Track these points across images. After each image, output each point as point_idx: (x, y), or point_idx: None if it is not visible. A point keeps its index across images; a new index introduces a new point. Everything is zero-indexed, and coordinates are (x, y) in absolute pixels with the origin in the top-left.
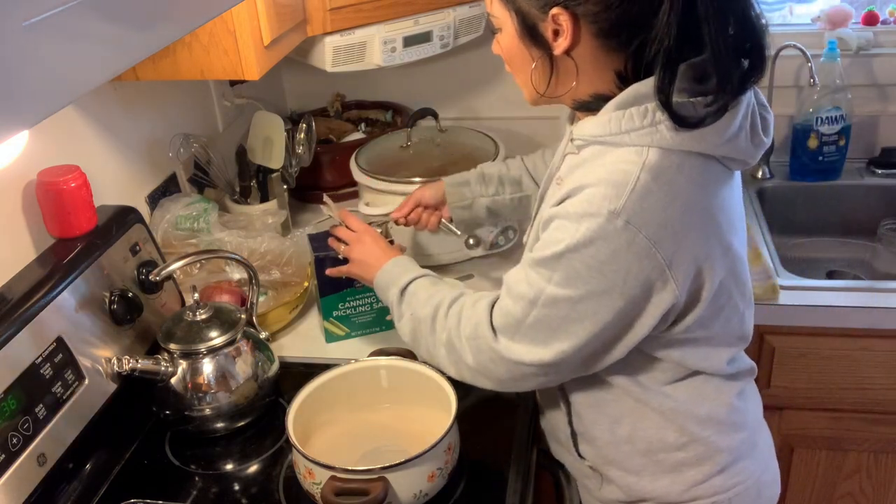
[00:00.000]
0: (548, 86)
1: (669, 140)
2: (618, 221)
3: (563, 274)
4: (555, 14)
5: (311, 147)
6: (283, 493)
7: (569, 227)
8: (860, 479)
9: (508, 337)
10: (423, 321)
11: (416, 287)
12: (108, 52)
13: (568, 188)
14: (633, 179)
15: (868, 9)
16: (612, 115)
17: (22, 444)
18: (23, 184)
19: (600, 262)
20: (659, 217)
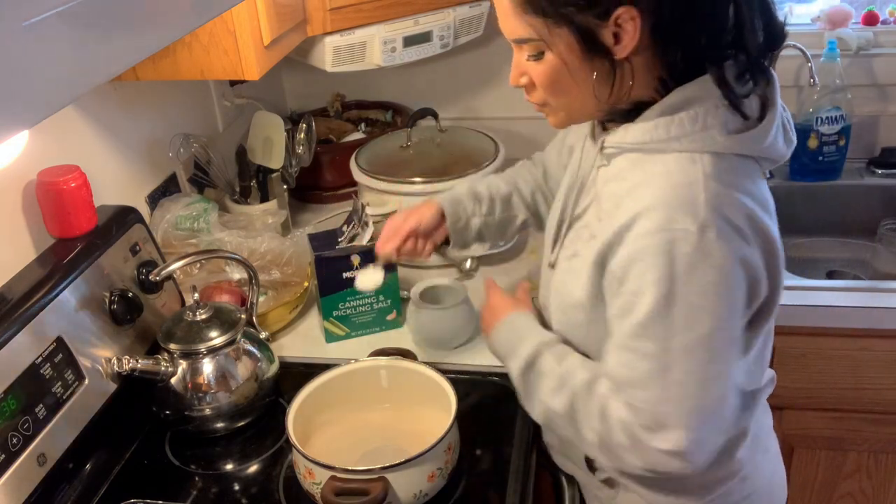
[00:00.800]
0: (610, 94)
1: (722, 144)
2: (709, 234)
3: (683, 315)
4: (619, 14)
5: (311, 147)
6: (283, 493)
7: (658, 261)
8: (860, 479)
9: (664, 427)
10: (560, 416)
11: (542, 367)
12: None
13: (619, 215)
14: (702, 188)
15: (868, 9)
16: (657, 121)
17: (22, 444)
18: (23, 184)
19: (716, 282)
20: (737, 219)
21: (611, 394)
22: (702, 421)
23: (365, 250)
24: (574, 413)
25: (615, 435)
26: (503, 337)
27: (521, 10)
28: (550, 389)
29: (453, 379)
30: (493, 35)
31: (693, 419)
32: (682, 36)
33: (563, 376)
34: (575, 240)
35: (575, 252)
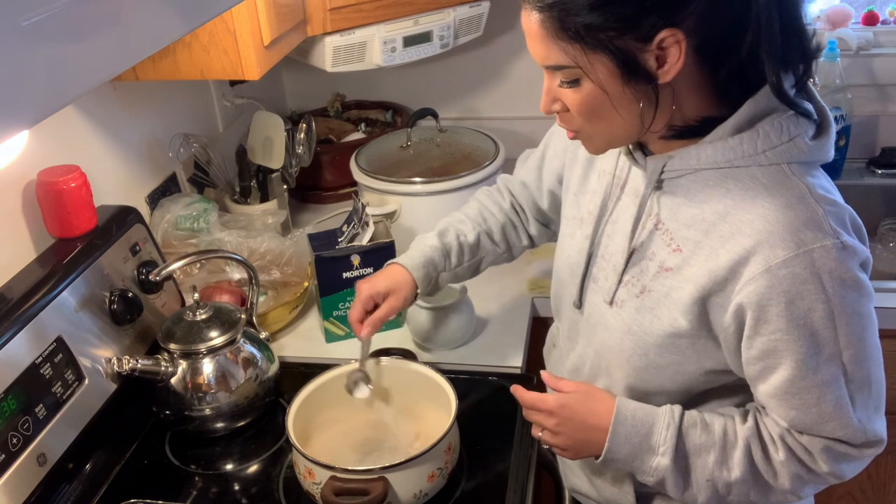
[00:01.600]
0: (652, 121)
1: (807, 153)
2: (845, 242)
3: (847, 340)
4: (663, 38)
5: (311, 147)
6: (283, 493)
7: (807, 288)
8: (860, 479)
9: (868, 440)
10: (741, 483)
11: (693, 445)
12: (108, 52)
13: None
14: (815, 200)
15: (868, 9)
16: (742, 136)
17: (22, 444)
18: (23, 184)
19: (862, 285)
20: (849, 221)
21: (789, 433)
22: (883, 409)
23: (365, 250)
24: (756, 472)
25: (816, 468)
26: (623, 440)
27: (555, 34)
28: (716, 463)
29: (453, 379)
30: (493, 35)
31: (882, 414)
32: (730, 53)
33: (721, 444)
34: (639, 275)
35: (644, 288)
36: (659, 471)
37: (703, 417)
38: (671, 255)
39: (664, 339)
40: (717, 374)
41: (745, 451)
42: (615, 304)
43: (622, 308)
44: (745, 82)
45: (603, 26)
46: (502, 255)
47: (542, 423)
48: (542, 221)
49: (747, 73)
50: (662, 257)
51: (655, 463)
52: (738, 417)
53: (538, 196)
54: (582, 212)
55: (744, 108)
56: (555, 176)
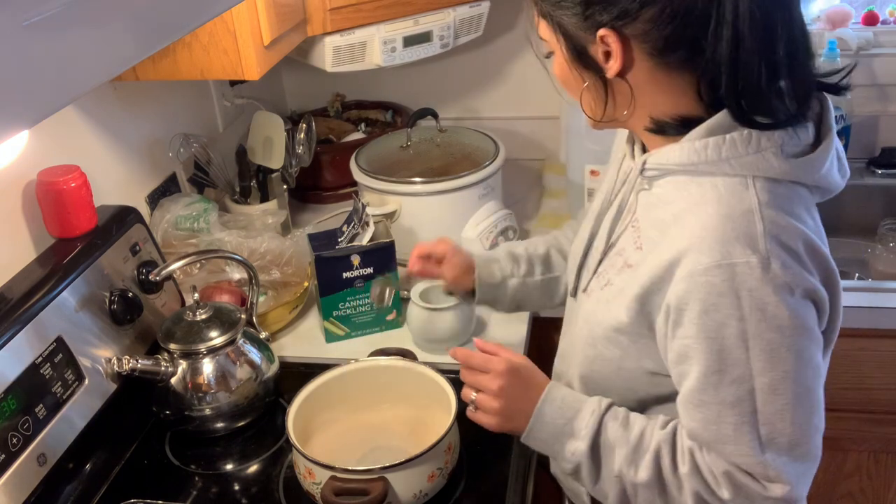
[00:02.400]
0: (604, 111)
1: (777, 169)
2: (774, 265)
3: (762, 368)
4: (602, 36)
5: (311, 147)
6: (283, 493)
7: (723, 302)
8: (860, 479)
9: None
10: (646, 486)
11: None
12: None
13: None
14: (759, 217)
15: (868, 9)
16: (707, 140)
17: (22, 444)
18: (23, 184)
19: (788, 315)
20: (798, 248)
21: (699, 449)
22: (804, 457)
23: (365, 250)
24: (662, 479)
25: (718, 491)
26: (548, 419)
27: (537, 12)
28: (626, 460)
29: (453, 379)
30: (493, 35)
31: (796, 460)
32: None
33: (636, 442)
34: (608, 268)
35: (608, 281)
36: (576, 456)
37: (628, 415)
38: (634, 252)
39: (609, 332)
40: (659, 376)
41: (655, 455)
42: (586, 293)
43: (588, 297)
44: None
45: (561, 12)
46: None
47: (487, 385)
48: None
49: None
50: (628, 254)
51: (573, 447)
52: (659, 422)
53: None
54: (593, 205)
55: (721, 113)
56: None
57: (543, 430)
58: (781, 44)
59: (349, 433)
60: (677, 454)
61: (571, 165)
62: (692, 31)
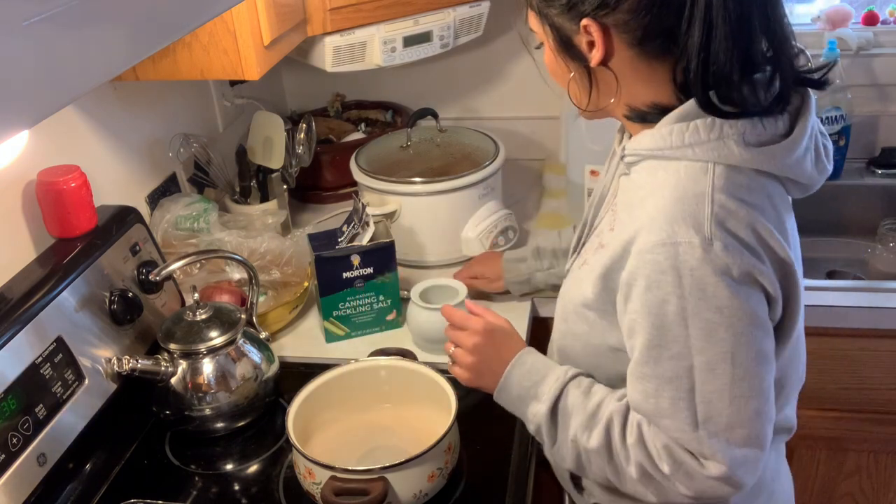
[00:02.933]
0: (589, 99)
1: (738, 156)
2: (715, 246)
3: (701, 347)
4: (585, 25)
5: (311, 147)
6: (283, 493)
7: (665, 279)
8: (860, 479)
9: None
10: (595, 453)
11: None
12: (108, 52)
13: (627, 227)
14: (708, 201)
15: (868, 9)
16: (672, 126)
17: (22, 444)
18: (23, 184)
19: (728, 296)
20: (745, 235)
21: (646, 423)
22: (744, 442)
23: (365, 250)
24: (611, 447)
25: (660, 464)
26: (515, 381)
27: (528, 3)
28: (581, 426)
29: (453, 379)
30: (493, 35)
31: (733, 442)
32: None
33: (592, 410)
34: (588, 249)
35: (585, 261)
36: (536, 417)
37: (591, 385)
38: (608, 233)
39: (578, 308)
40: (623, 354)
41: (607, 424)
42: (569, 272)
43: (569, 276)
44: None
45: (548, 4)
46: None
47: (463, 341)
48: None
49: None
50: (603, 235)
51: (535, 409)
52: (617, 394)
53: None
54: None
55: (691, 101)
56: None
57: (511, 390)
58: (759, 37)
59: (349, 433)
60: (627, 425)
61: (571, 165)
62: (668, 21)
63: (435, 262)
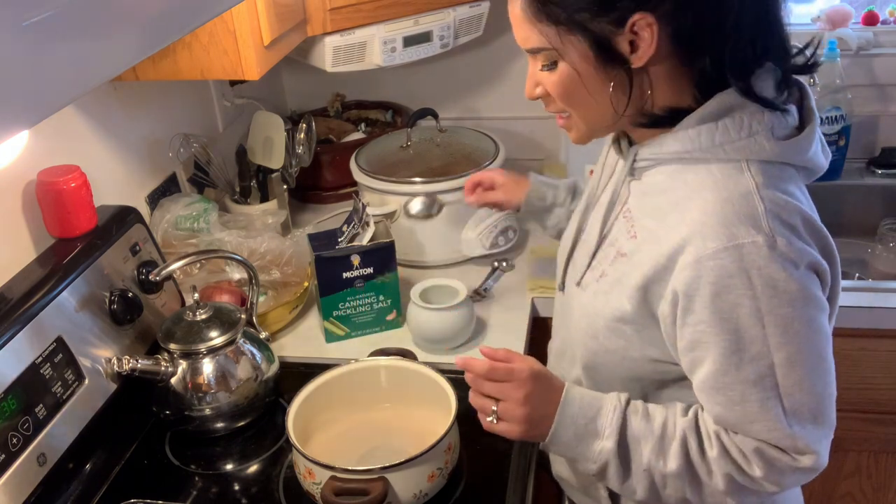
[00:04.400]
0: (627, 106)
1: (769, 151)
2: (779, 242)
3: (778, 343)
4: (635, 21)
5: (311, 147)
6: (283, 493)
7: (734, 283)
8: (860, 479)
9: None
10: (676, 476)
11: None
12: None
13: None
14: (758, 198)
15: (868, 9)
16: (699, 128)
17: (22, 444)
18: (23, 184)
19: (798, 288)
20: (797, 224)
21: (724, 431)
22: (824, 423)
23: (365, 250)
24: (692, 466)
25: (750, 470)
26: (569, 421)
27: (534, 17)
28: (654, 452)
29: (453, 379)
30: (493, 35)
31: (818, 427)
32: (706, 43)
33: (660, 433)
34: (602, 259)
35: (602, 272)
36: (602, 455)
37: (647, 407)
38: (627, 241)
39: (611, 323)
40: (665, 364)
41: (682, 443)
42: (581, 286)
43: (585, 290)
44: (723, 77)
45: (578, 8)
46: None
47: (512, 394)
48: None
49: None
50: (621, 243)
51: (599, 447)
52: (679, 410)
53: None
54: (581, 202)
55: (712, 101)
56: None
57: (566, 432)
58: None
59: (349, 433)
60: (703, 439)
61: (571, 165)
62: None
63: (435, 262)
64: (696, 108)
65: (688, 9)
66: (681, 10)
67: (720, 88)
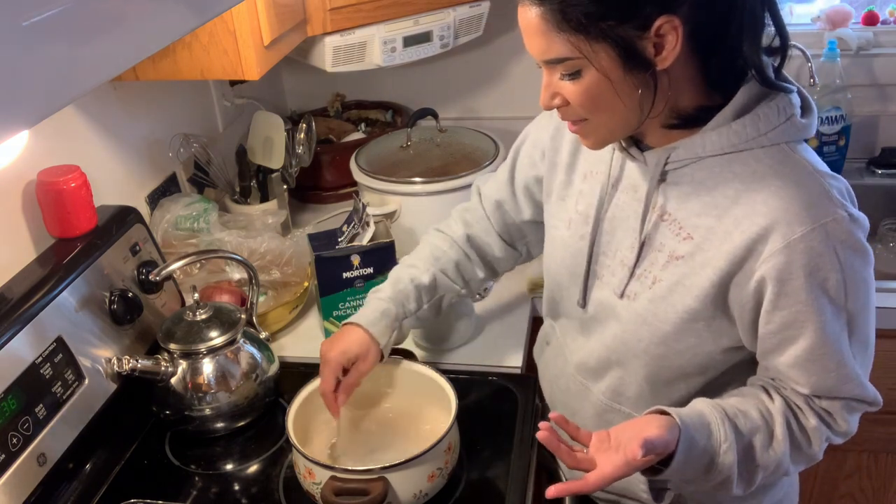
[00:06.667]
0: (651, 108)
1: (800, 130)
2: (852, 212)
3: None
4: (660, 24)
5: (311, 147)
6: (283, 493)
7: (823, 261)
8: (860, 479)
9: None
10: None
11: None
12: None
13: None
14: (818, 175)
15: (868, 9)
16: (743, 120)
17: (22, 444)
18: (23, 184)
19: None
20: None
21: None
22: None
23: (365, 250)
24: (797, 444)
25: (837, 427)
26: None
27: (556, 26)
28: (764, 446)
29: (453, 379)
30: (493, 35)
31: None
32: (721, 39)
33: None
34: (650, 267)
35: (655, 279)
36: (726, 467)
37: (736, 406)
38: (681, 243)
39: (681, 325)
40: (733, 351)
41: (785, 425)
42: (626, 297)
43: (635, 300)
44: (734, 71)
45: (603, 15)
46: (460, 292)
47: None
48: (510, 241)
49: (736, 61)
50: (672, 247)
51: (726, 460)
52: (763, 396)
53: (515, 211)
54: (570, 213)
55: (739, 95)
56: (534, 184)
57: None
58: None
59: (349, 433)
60: (798, 415)
61: None
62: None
63: None
64: (722, 103)
65: (704, 9)
66: (699, 8)
67: (735, 81)
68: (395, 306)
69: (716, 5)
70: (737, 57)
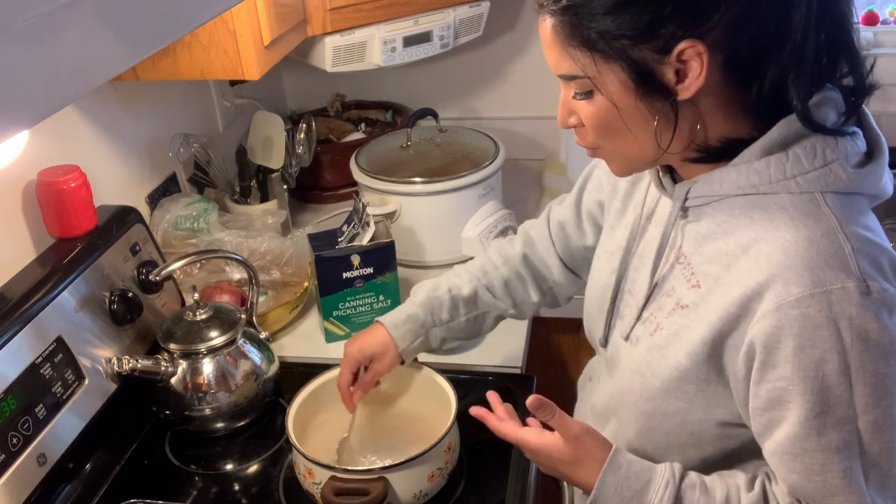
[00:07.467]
0: (671, 142)
1: (845, 181)
2: (872, 287)
3: (867, 403)
4: (683, 49)
5: (311, 147)
6: (283, 493)
7: (820, 335)
8: None
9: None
10: None
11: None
12: (108, 52)
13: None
14: (842, 237)
15: (868, 9)
16: (769, 159)
17: (22, 444)
18: (23, 184)
19: (891, 341)
20: (886, 264)
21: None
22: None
23: (365, 250)
24: None
25: None
26: (612, 491)
27: (566, 41)
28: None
29: (453, 379)
30: (493, 35)
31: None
32: (765, 68)
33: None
34: (656, 311)
35: (658, 326)
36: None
37: (704, 480)
38: (689, 291)
39: (670, 384)
40: (732, 427)
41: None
42: (630, 341)
43: (635, 346)
44: (781, 102)
45: (617, 34)
46: (509, 312)
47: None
48: (572, 267)
49: (781, 94)
50: (680, 293)
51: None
52: (743, 484)
53: (578, 235)
54: (614, 245)
55: (775, 129)
56: (597, 209)
57: (608, 501)
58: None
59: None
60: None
61: (571, 165)
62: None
63: (435, 262)
64: (756, 136)
65: (743, 33)
66: (734, 35)
67: (777, 113)
68: (424, 313)
69: (759, 30)
70: (783, 90)
